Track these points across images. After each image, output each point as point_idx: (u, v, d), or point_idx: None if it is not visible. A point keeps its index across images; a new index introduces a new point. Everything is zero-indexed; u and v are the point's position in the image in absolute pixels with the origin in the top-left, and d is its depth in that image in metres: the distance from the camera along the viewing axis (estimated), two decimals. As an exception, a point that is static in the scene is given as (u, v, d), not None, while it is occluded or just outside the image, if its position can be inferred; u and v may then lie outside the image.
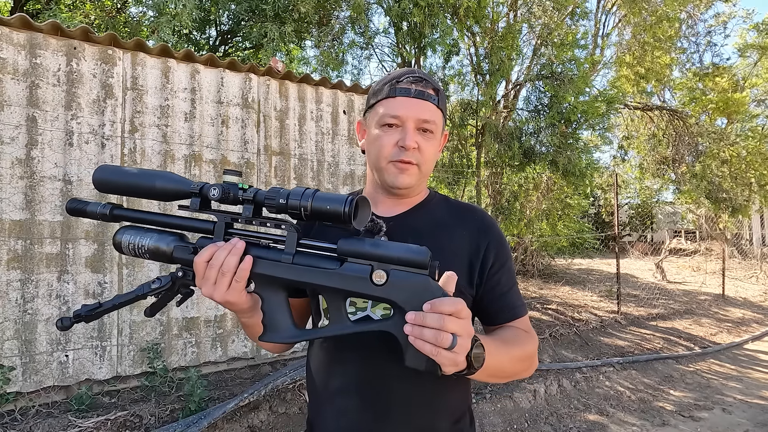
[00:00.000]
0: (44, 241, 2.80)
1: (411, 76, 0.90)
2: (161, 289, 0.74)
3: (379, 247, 0.67)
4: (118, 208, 0.80)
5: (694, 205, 10.21)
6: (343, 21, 6.57)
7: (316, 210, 0.66)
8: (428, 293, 0.64)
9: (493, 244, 0.93)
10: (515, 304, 0.93)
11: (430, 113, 0.89)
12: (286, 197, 0.68)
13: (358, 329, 0.70)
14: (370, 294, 0.67)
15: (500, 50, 6.03)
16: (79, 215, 0.81)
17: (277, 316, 0.73)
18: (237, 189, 0.72)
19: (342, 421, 0.87)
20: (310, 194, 0.67)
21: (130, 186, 0.77)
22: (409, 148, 0.88)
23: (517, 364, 0.84)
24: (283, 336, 0.73)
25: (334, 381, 0.90)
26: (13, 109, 2.74)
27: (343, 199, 0.66)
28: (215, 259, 0.71)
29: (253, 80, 3.63)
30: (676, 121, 9.14)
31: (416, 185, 0.94)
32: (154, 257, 0.76)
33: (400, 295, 0.65)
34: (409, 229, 0.93)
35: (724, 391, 4.22)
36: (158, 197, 0.75)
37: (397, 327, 0.65)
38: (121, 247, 0.78)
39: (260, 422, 2.96)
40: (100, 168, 0.79)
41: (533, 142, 6.55)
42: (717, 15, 12.14)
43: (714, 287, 8.84)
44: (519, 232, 7.11)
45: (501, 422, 3.40)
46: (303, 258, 0.71)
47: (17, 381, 2.69)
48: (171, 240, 0.76)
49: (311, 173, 3.93)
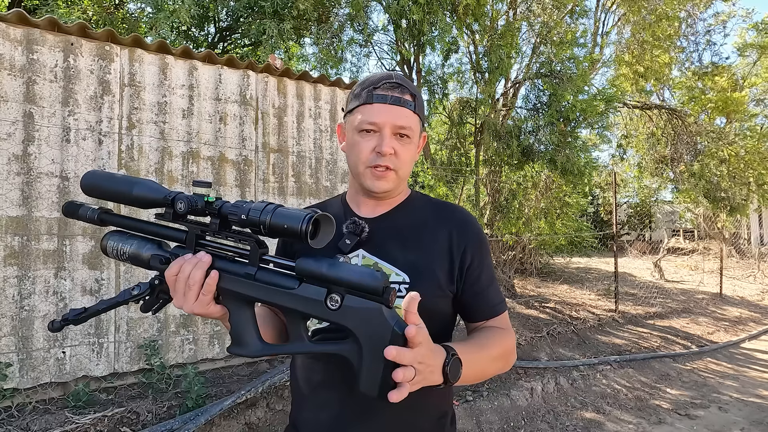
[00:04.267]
0: (41, 237, 2.80)
1: (388, 82, 0.91)
2: (141, 296, 0.76)
3: (335, 270, 0.66)
4: (106, 212, 0.82)
5: (692, 204, 10.22)
6: (342, 18, 6.56)
7: (274, 227, 0.66)
8: (381, 323, 0.63)
9: (472, 243, 0.95)
10: (494, 302, 0.96)
11: (407, 119, 0.91)
12: (246, 212, 0.68)
13: (315, 350, 0.71)
14: (325, 317, 0.67)
15: (499, 48, 6.01)
16: (72, 217, 0.84)
17: (243, 330, 0.74)
18: (203, 202, 0.72)
19: (323, 414, 0.89)
20: (270, 210, 0.67)
21: (112, 192, 0.79)
22: (386, 154, 0.90)
23: (494, 363, 0.88)
24: (247, 350, 0.73)
25: (316, 375, 0.92)
26: (10, 105, 2.73)
27: (301, 216, 0.64)
28: (182, 272, 0.72)
29: (251, 77, 3.62)
30: (675, 120, 9.14)
31: (395, 188, 0.96)
32: (134, 263, 0.79)
33: (353, 321, 0.65)
34: (391, 228, 0.95)
35: (721, 389, 4.23)
36: (136, 204, 0.77)
37: (351, 352, 0.66)
38: (106, 250, 0.81)
39: (257, 419, 2.96)
40: (89, 173, 0.82)
41: (532, 141, 6.54)
42: (716, 14, 12.13)
43: (712, 286, 8.86)
44: (517, 230, 7.11)
45: (498, 420, 3.41)
46: (264, 274, 0.71)
47: (14, 377, 2.69)
48: (149, 248, 0.78)
49: (309, 170, 3.92)
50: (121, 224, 0.82)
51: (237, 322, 0.74)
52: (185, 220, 0.76)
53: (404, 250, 0.93)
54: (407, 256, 0.92)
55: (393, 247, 0.93)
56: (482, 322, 0.96)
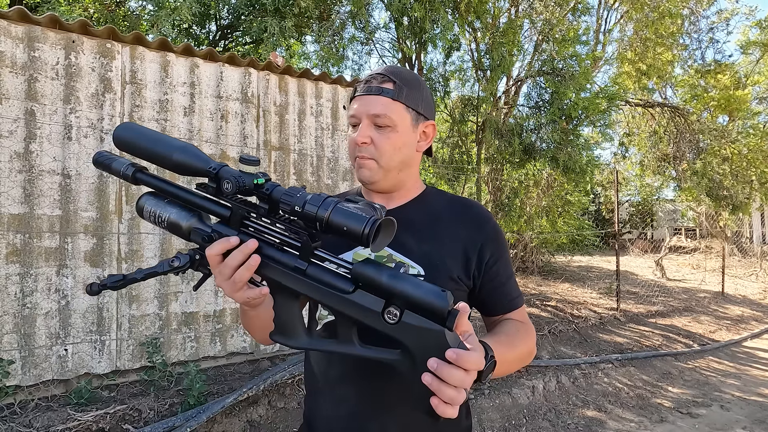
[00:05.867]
0: (43, 235, 2.80)
1: (377, 74, 0.91)
2: (180, 268, 0.72)
3: (396, 282, 0.62)
4: (141, 171, 0.77)
5: (694, 202, 10.19)
6: (344, 16, 6.54)
7: (333, 225, 0.61)
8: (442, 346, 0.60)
9: (490, 238, 0.94)
10: (513, 295, 0.96)
11: (382, 107, 0.88)
12: (302, 204, 0.63)
13: (365, 354, 0.67)
14: (379, 329, 0.63)
15: (501, 46, 5.99)
16: (104, 169, 0.79)
17: (289, 320, 0.71)
18: (252, 183, 0.68)
19: (341, 409, 0.88)
20: (329, 205, 0.62)
21: (148, 152, 0.74)
22: (359, 143, 0.89)
23: (518, 363, 0.88)
24: (295, 342, 0.70)
25: (333, 371, 0.91)
26: (12, 103, 2.73)
27: (364, 219, 0.60)
28: (231, 258, 0.68)
29: (252, 75, 3.61)
30: (677, 118, 9.11)
31: (384, 180, 0.93)
32: (173, 231, 0.75)
33: (411, 339, 0.61)
34: (406, 221, 0.93)
35: (723, 388, 4.23)
36: (174, 170, 0.72)
37: (405, 365, 0.63)
38: (143, 212, 0.76)
39: (259, 417, 2.96)
40: (123, 126, 0.76)
41: (534, 139, 6.53)
42: (719, 11, 12.08)
43: (713, 285, 8.84)
44: (519, 228, 7.11)
45: (499, 418, 3.41)
46: (317, 271, 0.67)
47: (16, 374, 2.69)
48: (190, 219, 0.73)
49: (311, 168, 3.92)
50: (158, 187, 0.77)
51: (283, 311, 0.71)
52: (228, 198, 0.71)
53: (419, 242, 0.91)
54: (422, 247, 0.90)
55: (407, 239, 0.91)
56: (501, 316, 0.96)
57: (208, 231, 0.72)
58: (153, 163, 0.75)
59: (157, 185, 0.77)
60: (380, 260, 0.89)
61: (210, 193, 0.71)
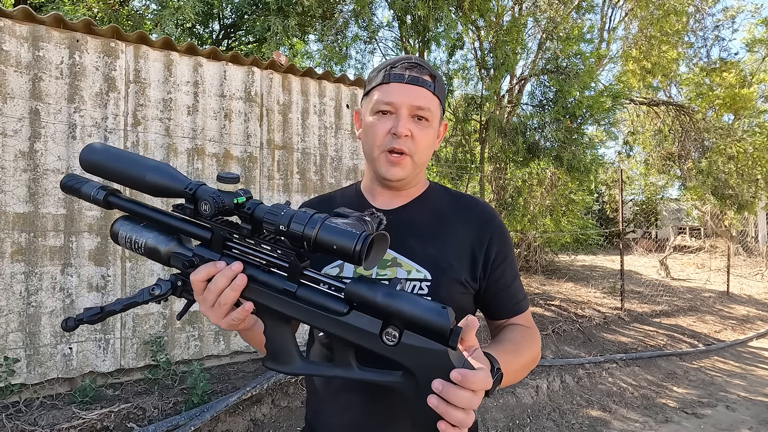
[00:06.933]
0: (48, 234, 2.81)
1: (406, 62, 0.87)
2: (161, 296, 0.69)
3: (393, 300, 0.58)
4: (113, 194, 0.73)
5: (699, 201, 10.13)
6: (347, 14, 6.53)
7: (321, 243, 0.58)
8: (446, 367, 0.57)
9: (496, 237, 0.91)
10: (518, 299, 0.93)
11: (425, 100, 0.85)
12: (287, 223, 0.59)
13: (364, 378, 0.63)
14: (377, 352, 0.60)
15: (505, 44, 5.97)
16: (73, 194, 0.74)
17: (281, 346, 0.67)
18: (232, 202, 0.64)
19: (345, 418, 0.86)
20: (316, 222, 0.58)
21: (118, 173, 0.69)
22: (401, 136, 0.84)
23: (523, 371, 0.86)
24: (289, 369, 0.67)
25: (337, 379, 0.88)
26: (16, 102, 2.74)
27: (355, 236, 0.56)
28: (214, 284, 0.64)
29: (256, 74, 3.61)
30: (682, 116, 9.05)
31: (411, 177, 0.90)
32: (150, 257, 0.71)
33: (412, 361, 0.58)
34: (410, 222, 0.90)
35: (728, 388, 4.20)
36: (148, 192, 0.68)
37: (408, 387, 0.60)
38: (118, 238, 0.72)
39: (263, 415, 2.97)
40: (90, 147, 0.71)
41: (537, 137, 6.50)
42: (725, 9, 12.02)
43: (719, 284, 8.79)
44: (522, 227, 7.08)
45: (503, 418, 3.40)
46: (307, 293, 0.64)
47: (22, 373, 2.71)
48: (169, 243, 0.70)
49: (314, 167, 3.91)
50: (132, 211, 0.72)
51: (274, 336, 0.67)
52: (207, 220, 0.67)
53: (424, 245, 0.87)
54: (427, 250, 0.87)
55: (412, 241, 0.87)
56: (505, 321, 0.93)
57: (189, 255, 0.68)
58: (126, 186, 0.71)
59: (131, 209, 0.72)
60: (384, 264, 0.87)
61: (188, 215, 0.67)
